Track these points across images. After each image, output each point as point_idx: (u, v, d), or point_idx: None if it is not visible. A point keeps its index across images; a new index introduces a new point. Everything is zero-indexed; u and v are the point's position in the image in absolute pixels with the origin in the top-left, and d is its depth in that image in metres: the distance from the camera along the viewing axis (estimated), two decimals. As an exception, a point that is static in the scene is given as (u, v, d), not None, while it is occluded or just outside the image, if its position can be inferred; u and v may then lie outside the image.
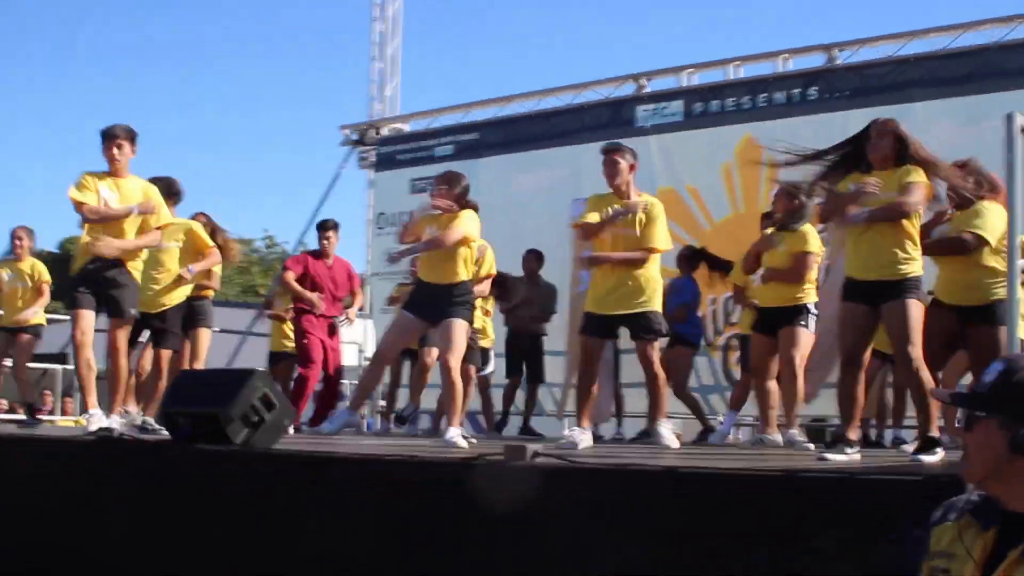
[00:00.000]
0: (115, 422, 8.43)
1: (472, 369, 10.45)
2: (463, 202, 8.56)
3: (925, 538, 2.89)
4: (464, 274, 8.43)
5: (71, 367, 11.76)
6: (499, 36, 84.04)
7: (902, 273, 6.14)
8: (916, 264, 6.20)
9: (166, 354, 9.40)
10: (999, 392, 2.81)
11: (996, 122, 5.74)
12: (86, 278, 8.45)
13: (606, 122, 14.11)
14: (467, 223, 8.42)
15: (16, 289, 11.10)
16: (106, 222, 8.40)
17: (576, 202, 9.44)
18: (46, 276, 11.20)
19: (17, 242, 11.22)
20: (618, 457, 6.59)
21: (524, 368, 11.90)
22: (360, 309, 13.07)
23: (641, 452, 7.83)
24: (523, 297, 11.58)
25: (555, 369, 13.19)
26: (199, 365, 9.86)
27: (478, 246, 9.06)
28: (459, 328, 8.33)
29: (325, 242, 11.18)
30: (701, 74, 13.88)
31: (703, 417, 11.09)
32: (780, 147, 6.71)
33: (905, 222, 6.15)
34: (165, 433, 7.79)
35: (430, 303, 8.46)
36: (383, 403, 12.68)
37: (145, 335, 9.57)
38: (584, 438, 7.47)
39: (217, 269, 10.20)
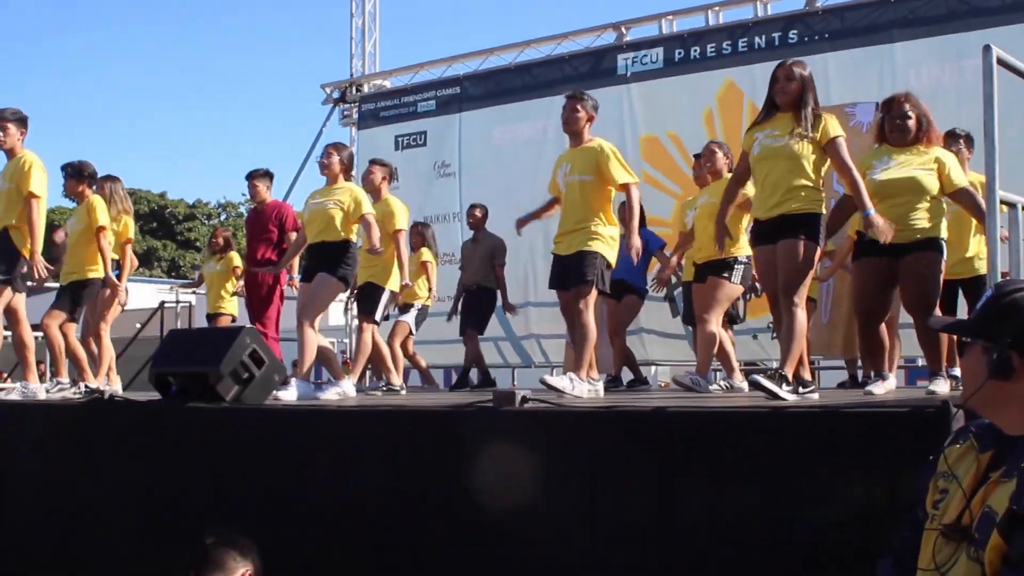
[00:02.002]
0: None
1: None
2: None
3: (935, 460, 2.94)
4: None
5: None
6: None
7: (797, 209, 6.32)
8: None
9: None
10: (983, 318, 2.85)
11: (976, 60, 5.73)
12: None
13: (587, 72, 14.06)
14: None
15: None
16: None
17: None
18: None
19: None
20: (609, 402, 6.63)
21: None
22: None
23: (631, 397, 7.89)
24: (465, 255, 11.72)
25: (543, 320, 13.27)
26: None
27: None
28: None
29: (252, 190, 11.28)
30: (681, 21, 13.80)
31: (636, 368, 10.86)
32: None
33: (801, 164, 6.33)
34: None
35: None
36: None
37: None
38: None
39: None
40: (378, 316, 9.43)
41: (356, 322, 9.91)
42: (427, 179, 15.19)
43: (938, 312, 6.48)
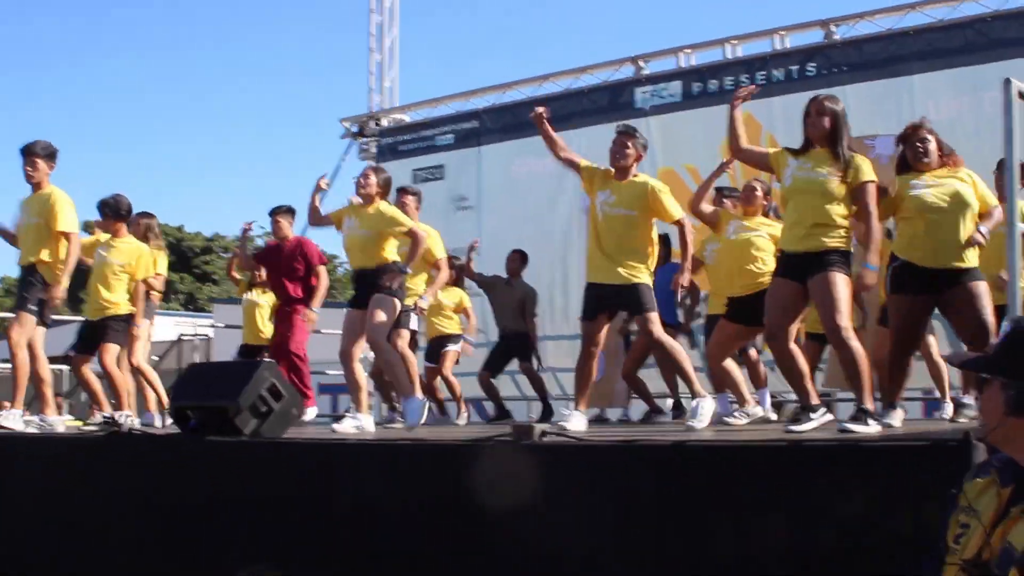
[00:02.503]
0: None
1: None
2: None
3: (957, 495, 2.92)
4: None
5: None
6: (497, 23, 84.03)
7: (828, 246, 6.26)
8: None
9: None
10: (1002, 354, 2.84)
11: (995, 92, 5.74)
12: None
13: (606, 105, 14.07)
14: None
15: None
16: None
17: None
18: None
19: None
20: (625, 436, 6.60)
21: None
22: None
23: (648, 431, 7.86)
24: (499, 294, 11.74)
25: (559, 354, 13.21)
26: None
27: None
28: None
29: (275, 226, 11.20)
30: (698, 54, 13.83)
31: (650, 399, 10.84)
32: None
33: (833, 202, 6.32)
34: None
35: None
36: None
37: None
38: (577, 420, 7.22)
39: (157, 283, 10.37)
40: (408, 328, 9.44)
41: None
42: (444, 213, 15.14)
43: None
